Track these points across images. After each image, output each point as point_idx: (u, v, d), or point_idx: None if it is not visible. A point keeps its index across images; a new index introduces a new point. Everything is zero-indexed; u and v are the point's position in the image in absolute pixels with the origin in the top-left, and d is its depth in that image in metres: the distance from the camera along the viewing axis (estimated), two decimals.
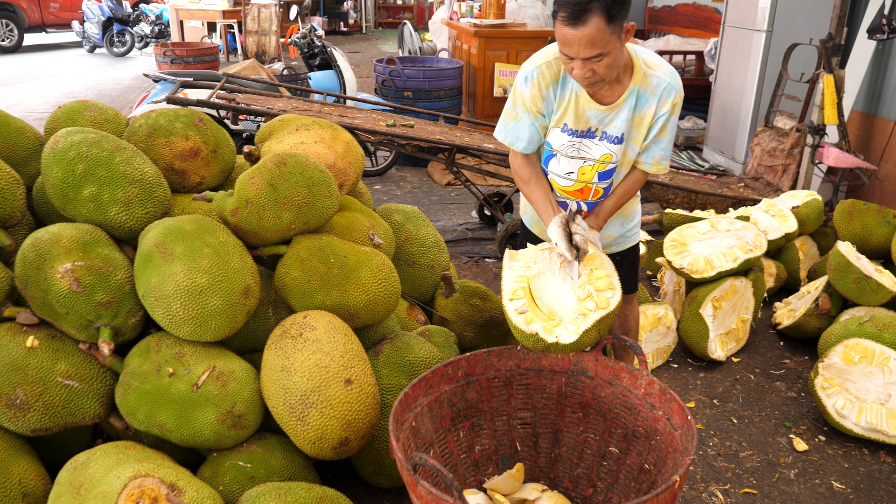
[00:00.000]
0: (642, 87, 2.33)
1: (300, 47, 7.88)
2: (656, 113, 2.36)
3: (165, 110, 2.79)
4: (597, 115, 2.36)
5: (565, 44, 2.11)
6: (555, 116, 2.39)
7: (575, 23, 2.04)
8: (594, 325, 2.06)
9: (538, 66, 2.33)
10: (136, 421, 2.24)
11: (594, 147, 2.41)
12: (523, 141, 2.45)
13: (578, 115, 2.36)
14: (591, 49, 2.08)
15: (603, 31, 2.05)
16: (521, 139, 2.45)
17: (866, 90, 5.83)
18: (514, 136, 2.45)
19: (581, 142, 2.41)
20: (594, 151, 2.42)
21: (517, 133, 2.44)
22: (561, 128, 2.40)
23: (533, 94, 2.35)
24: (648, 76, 2.32)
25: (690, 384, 3.47)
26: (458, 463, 2.36)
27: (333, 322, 2.38)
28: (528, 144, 2.46)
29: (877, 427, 2.95)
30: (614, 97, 2.34)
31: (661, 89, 2.33)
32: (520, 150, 2.48)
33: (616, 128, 2.37)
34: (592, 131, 2.39)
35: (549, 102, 2.37)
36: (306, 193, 2.50)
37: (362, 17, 19.91)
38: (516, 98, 2.41)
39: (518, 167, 2.52)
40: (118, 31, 14.32)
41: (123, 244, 2.44)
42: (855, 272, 3.47)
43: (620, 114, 2.35)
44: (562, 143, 2.42)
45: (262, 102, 4.93)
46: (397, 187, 6.53)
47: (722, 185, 5.50)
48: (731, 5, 6.78)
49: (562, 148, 2.43)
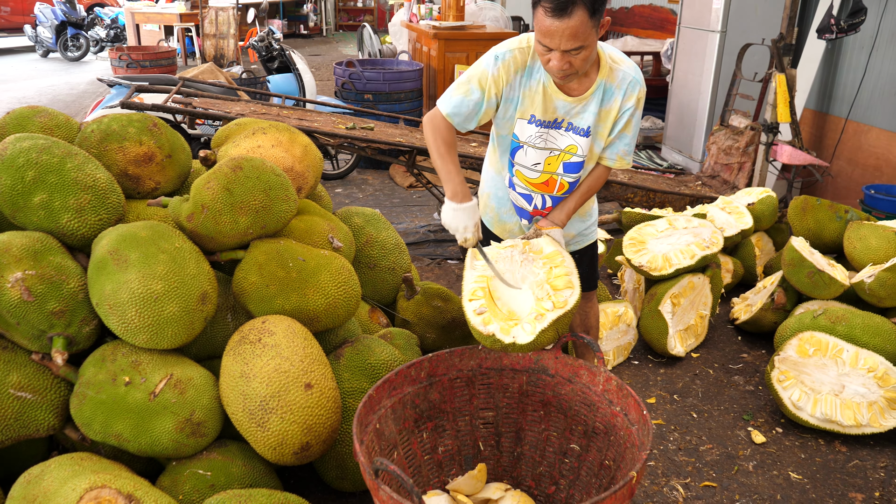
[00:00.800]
0: (608, 80, 2.36)
1: (258, 51, 7.82)
2: (621, 107, 2.39)
3: (118, 115, 2.75)
4: (564, 106, 2.38)
5: (547, 35, 2.11)
6: (520, 107, 2.40)
7: (560, 14, 2.05)
8: (551, 324, 2.07)
9: (511, 49, 2.33)
10: (92, 431, 2.20)
11: (560, 137, 2.43)
12: (460, 116, 2.38)
13: (546, 105, 2.38)
14: (574, 41, 2.10)
15: (586, 24, 2.07)
16: (459, 114, 2.38)
17: (818, 88, 5.97)
18: (455, 107, 2.38)
19: (548, 132, 2.43)
20: (560, 142, 2.44)
21: (460, 106, 2.37)
22: (528, 119, 2.41)
23: (500, 74, 2.32)
24: (614, 70, 2.36)
25: (651, 380, 3.52)
26: (421, 464, 2.36)
27: (293, 326, 2.36)
28: (461, 121, 2.39)
29: (831, 418, 3.02)
30: (582, 89, 2.36)
31: (626, 83, 2.36)
32: (453, 124, 2.40)
33: (584, 120, 2.40)
34: (559, 122, 2.41)
35: (513, 88, 2.37)
36: (263, 197, 2.48)
37: (322, 19, 19.81)
38: (475, 74, 2.36)
39: (445, 130, 2.40)
40: (72, 35, 14.04)
41: (76, 252, 2.40)
42: (808, 267, 3.54)
43: (588, 106, 2.38)
44: (529, 133, 2.44)
45: (220, 106, 4.87)
46: (359, 190, 6.50)
47: (680, 184, 5.59)
48: (686, 6, 6.89)
49: (529, 139, 2.45)
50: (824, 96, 5.96)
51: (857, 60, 5.55)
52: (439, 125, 2.41)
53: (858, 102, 5.50)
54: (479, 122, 2.43)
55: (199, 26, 12.69)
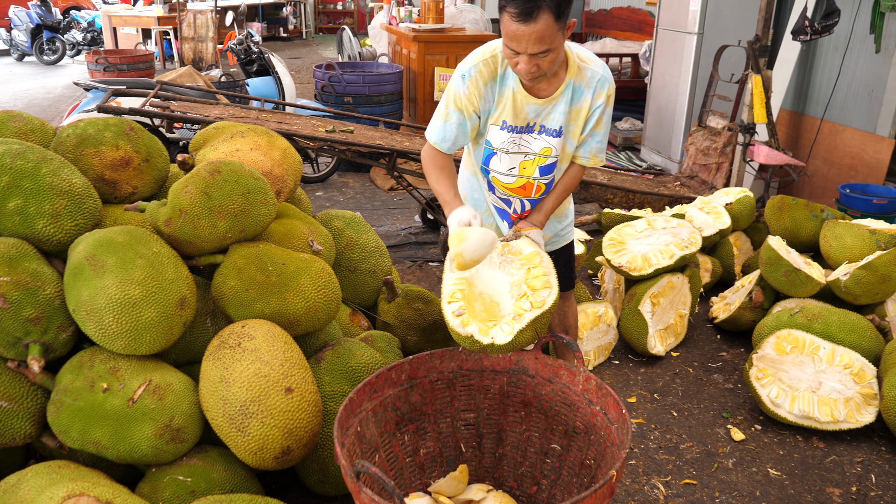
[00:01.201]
0: (577, 80, 2.38)
1: (237, 54, 7.78)
2: (592, 105, 2.41)
3: (94, 119, 2.72)
4: (534, 110, 2.40)
5: (514, 39, 2.13)
6: (494, 114, 2.42)
7: (526, 19, 2.07)
8: (529, 324, 2.08)
9: (475, 64, 2.35)
10: (69, 439, 2.18)
11: (534, 141, 2.45)
12: (448, 142, 2.44)
13: (517, 111, 2.40)
14: (540, 45, 2.12)
15: (552, 28, 2.10)
16: (446, 140, 2.44)
17: (794, 89, 6.05)
18: (441, 135, 2.44)
19: (521, 137, 2.45)
20: (534, 146, 2.46)
21: (444, 133, 2.44)
22: (500, 125, 2.43)
23: (471, 91, 2.36)
24: (583, 69, 2.38)
25: (632, 380, 3.54)
26: (403, 467, 2.36)
27: (273, 331, 2.35)
28: (451, 145, 2.46)
29: (809, 414, 3.06)
30: (551, 91, 2.38)
31: (595, 81, 2.39)
32: (444, 151, 2.47)
33: (554, 121, 2.42)
34: (531, 126, 2.43)
35: (486, 100, 2.39)
36: (242, 201, 2.47)
37: (302, 22, 19.74)
38: (449, 97, 2.41)
39: (433, 155, 2.48)
40: (48, 38, 13.87)
41: (52, 258, 2.37)
42: (785, 265, 3.59)
43: (558, 107, 2.40)
44: (502, 140, 2.45)
45: (198, 110, 4.85)
46: (339, 193, 6.49)
47: (659, 184, 5.63)
48: (663, 8, 6.95)
49: (502, 145, 2.46)
50: (800, 97, 6.03)
51: (832, 61, 5.62)
52: (432, 155, 2.49)
53: (833, 103, 5.57)
54: (469, 138, 2.48)
55: (177, 29, 12.60)
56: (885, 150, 5.13)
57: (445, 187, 2.44)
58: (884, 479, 2.85)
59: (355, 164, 6.89)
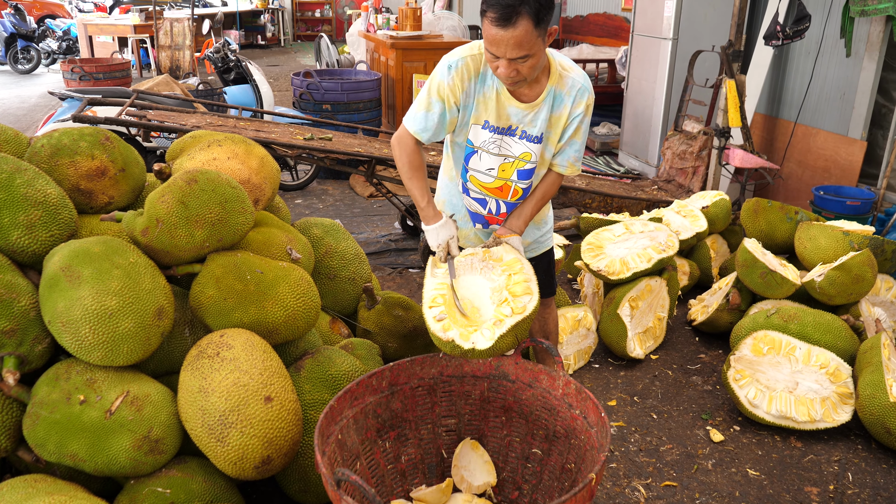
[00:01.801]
0: (558, 87, 2.40)
1: (214, 62, 7.75)
2: (571, 113, 2.44)
3: (69, 129, 2.70)
4: (517, 113, 2.42)
5: (493, 43, 2.16)
6: (474, 113, 2.44)
7: (505, 24, 2.10)
8: (509, 330, 2.09)
9: (463, 57, 2.37)
10: (46, 452, 2.15)
11: (514, 145, 2.47)
12: (429, 132, 2.44)
13: (500, 112, 2.42)
14: (519, 50, 2.14)
15: (531, 34, 2.12)
16: (427, 129, 2.44)
17: (767, 93, 6.13)
18: (422, 125, 2.44)
19: (502, 139, 2.47)
20: (514, 149, 2.48)
21: (425, 123, 2.43)
22: (482, 125, 2.45)
23: (455, 82, 2.36)
24: (564, 77, 2.40)
25: (612, 383, 3.56)
26: (384, 474, 2.35)
27: (251, 339, 2.34)
28: (431, 136, 2.45)
29: (786, 414, 3.09)
30: (533, 96, 2.40)
31: (575, 90, 2.41)
32: (422, 141, 2.47)
33: (536, 127, 2.44)
34: (513, 129, 2.45)
35: (468, 95, 2.41)
36: (219, 210, 2.46)
37: (280, 30, 19.70)
38: (433, 87, 2.41)
39: (411, 152, 2.48)
40: (23, 47, 13.73)
41: (27, 269, 2.35)
42: (761, 267, 3.63)
43: (540, 113, 2.42)
44: (483, 139, 2.47)
45: (175, 119, 4.82)
46: (319, 201, 6.48)
47: (636, 189, 5.68)
48: (638, 15, 7.02)
49: (483, 144, 2.48)
50: (774, 101, 6.11)
51: (804, 66, 5.70)
52: (406, 146, 2.48)
53: (806, 106, 5.65)
54: (447, 131, 2.49)
55: (153, 38, 12.52)
56: (857, 152, 5.21)
57: (420, 190, 2.46)
58: (860, 477, 2.89)
59: (334, 171, 6.87)
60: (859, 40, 5.13)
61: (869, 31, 5.06)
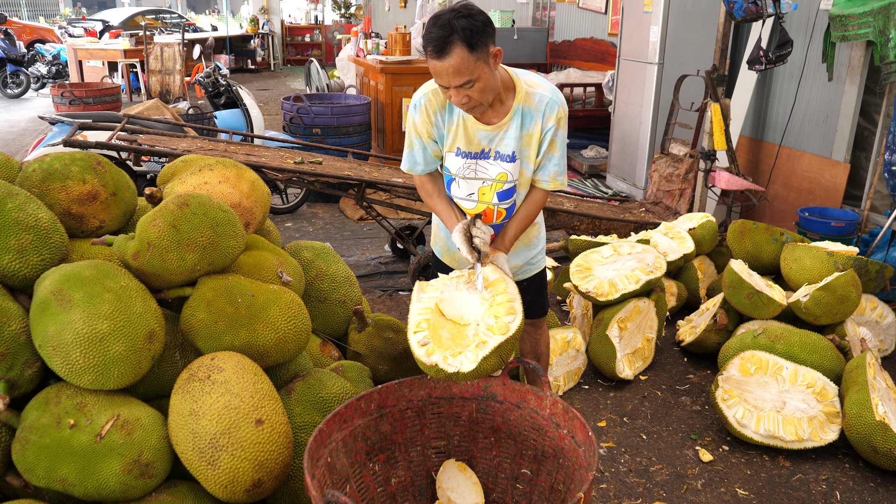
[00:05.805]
0: (526, 105, 2.46)
1: (205, 86, 7.80)
2: (543, 128, 2.49)
3: (61, 154, 2.72)
4: (486, 136, 2.49)
5: (436, 74, 2.29)
6: (447, 141, 2.54)
7: (440, 55, 2.21)
8: (493, 351, 2.10)
9: (425, 94, 2.50)
10: (35, 477, 2.14)
11: (490, 167, 2.53)
12: (420, 165, 2.63)
13: (469, 137, 2.50)
14: (459, 77, 2.24)
15: (467, 60, 2.21)
16: (417, 164, 2.63)
17: (752, 116, 6.22)
18: (411, 162, 2.65)
19: (476, 163, 2.53)
20: (490, 171, 2.54)
21: (414, 159, 2.63)
22: (455, 152, 2.54)
23: (423, 120, 2.51)
24: (531, 94, 2.46)
25: (601, 404, 3.58)
26: (374, 497, 2.36)
27: (242, 362, 2.35)
28: (424, 167, 2.64)
29: (774, 434, 3.12)
30: (500, 117, 2.48)
31: (543, 105, 2.46)
32: (418, 174, 2.66)
33: (507, 146, 2.50)
34: (486, 152, 2.52)
35: (438, 127, 2.52)
36: (210, 234, 2.48)
37: (270, 54, 19.83)
38: (409, 128, 2.59)
39: (421, 184, 2.71)
40: (12, 71, 13.76)
41: (18, 293, 2.35)
42: (747, 288, 3.67)
43: (509, 132, 2.48)
44: (458, 166, 2.56)
45: (166, 143, 4.84)
46: (309, 224, 6.50)
47: (624, 211, 5.73)
48: (625, 39, 7.12)
49: (458, 171, 2.56)
50: (758, 124, 6.20)
51: (788, 89, 5.80)
52: (415, 178, 2.72)
53: (790, 129, 5.74)
54: (437, 160, 2.64)
55: (143, 62, 12.57)
56: (840, 174, 5.29)
57: (441, 208, 2.64)
58: (848, 495, 2.91)
59: (324, 194, 6.90)
60: (841, 65, 5.22)
61: (850, 56, 5.16)
